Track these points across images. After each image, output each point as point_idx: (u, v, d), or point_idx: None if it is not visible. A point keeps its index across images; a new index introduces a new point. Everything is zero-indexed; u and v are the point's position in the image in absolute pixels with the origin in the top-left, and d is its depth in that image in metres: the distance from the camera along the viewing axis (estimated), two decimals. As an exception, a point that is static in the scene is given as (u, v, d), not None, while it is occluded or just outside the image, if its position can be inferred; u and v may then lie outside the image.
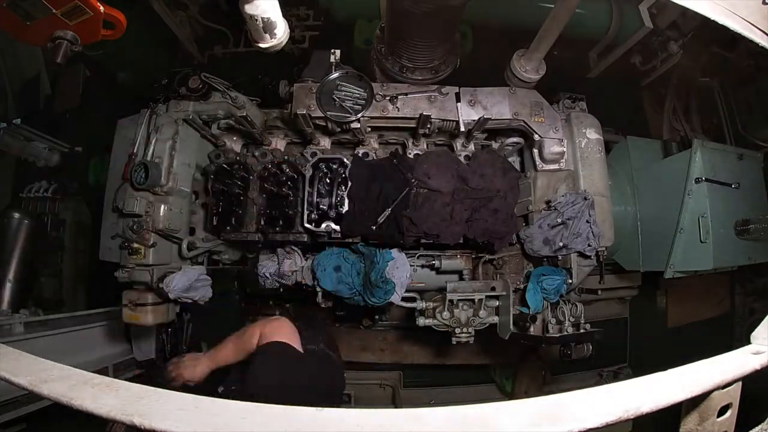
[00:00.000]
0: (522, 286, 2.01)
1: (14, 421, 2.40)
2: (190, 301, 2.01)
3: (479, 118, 1.91)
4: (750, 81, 3.41)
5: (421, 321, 1.95)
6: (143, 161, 1.91)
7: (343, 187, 1.93)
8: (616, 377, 3.39)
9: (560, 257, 1.94)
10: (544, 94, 2.03)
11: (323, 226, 1.90)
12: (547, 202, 1.98)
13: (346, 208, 1.91)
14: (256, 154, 2.16)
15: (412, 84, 2.01)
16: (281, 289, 2.59)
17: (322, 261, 2.06)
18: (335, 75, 1.91)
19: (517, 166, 2.31)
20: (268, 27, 1.25)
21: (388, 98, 1.94)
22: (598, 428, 0.57)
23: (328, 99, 1.90)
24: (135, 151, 2.02)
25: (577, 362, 2.01)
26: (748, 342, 0.78)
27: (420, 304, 1.99)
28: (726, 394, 0.71)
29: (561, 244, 1.88)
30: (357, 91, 1.91)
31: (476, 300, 1.93)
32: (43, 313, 2.86)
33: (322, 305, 2.20)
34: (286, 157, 1.98)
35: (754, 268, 3.06)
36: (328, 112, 1.86)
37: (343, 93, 1.91)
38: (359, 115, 1.86)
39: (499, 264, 2.18)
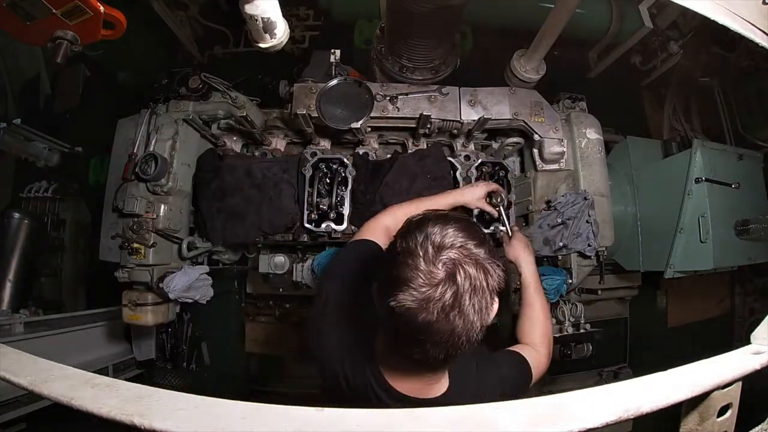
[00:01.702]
0: (522, 286, 2.01)
1: (14, 421, 2.40)
2: (190, 300, 2.01)
3: (479, 118, 1.91)
4: (750, 81, 3.41)
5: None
6: (153, 152, 1.91)
7: (343, 187, 1.93)
8: (616, 377, 3.39)
9: (560, 257, 1.94)
10: (544, 94, 2.04)
11: (323, 226, 1.90)
12: (547, 202, 1.99)
13: (346, 207, 1.91)
14: (257, 153, 2.16)
15: (412, 84, 2.01)
16: (281, 289, 2.58)
17: (322, 261, 2.06)
18: (333, 83, 1.90)
19: (517, 166, 2.31)
20: (268, 27, 1.25)
21: (388, 98, 1.94)
22: (598, 428, 0.57)
23: (329, 106, 1.89)
24: (135, 151, 2.03)
25: (577, 362, 2.01)
26: (748, 342, 0.78)
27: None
28: (726, 394, 0.71)
29: (561, 244, 1.88)
30: (357, 97, 1.91)
31: (476, 300, 1.93)
32: (43, 313, 2.86)
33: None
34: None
35: (754, 268, 3.07)
36: (329, 120, 1.86)
37: (344, 100, 1.90)
38: (359, 123, 1.85)
39: (499, 264, 2.18)
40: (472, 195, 1.67)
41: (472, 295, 0.81)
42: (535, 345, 1.39)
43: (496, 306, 0.88)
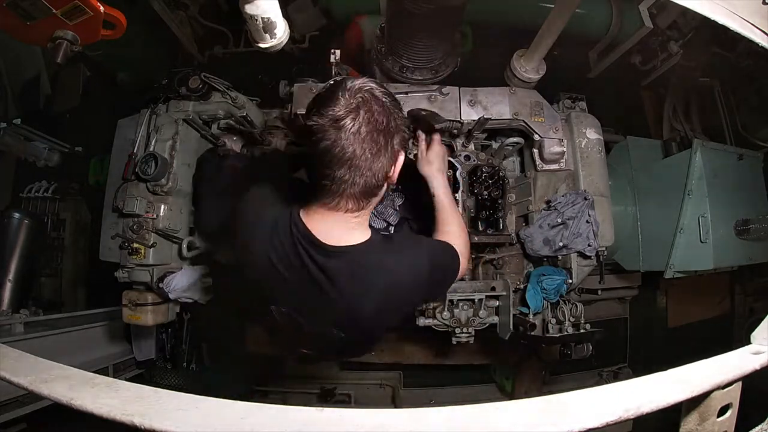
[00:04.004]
0: (522, 286, 2.01)
1: (14, 421, 2.40)
2: (190, 301, 2.01)
3: (479, 118, 1.91)
4: (750, 81, 3.41)
5: (421, 321, 1.95)
6: (153, 152, 1.90)
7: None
8: (616, 377, 3.39)
9: (560, 257, 1.94)
10: (544, 94, 2.03)
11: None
12: (547, 202, 1.99)
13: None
14: (257, 153, 2.16)
15: (412, 84, 2.01)
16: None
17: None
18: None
19: (517, 166, 2.31)
20: (268, 27, 1.25)
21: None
22: (598, 428, 0.57)
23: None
24: (135, 151, 2.03)
25: (577, 362, 2.01)
26: (748, 342, 0.78)
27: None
28: (726, 394, 0.71)
29: (561, 244, 1.88)
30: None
31: (476, 300, 1.94)
32: (43, 313, 2.86)
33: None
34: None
35: (754, 268, 3.07)
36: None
37: None
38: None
39: (499, 264, 2.18)
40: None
41: (372, 128, 0.98)
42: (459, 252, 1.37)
43: (401, 158, 1.09)
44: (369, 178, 1.02)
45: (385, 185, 1.10)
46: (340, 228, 1.09)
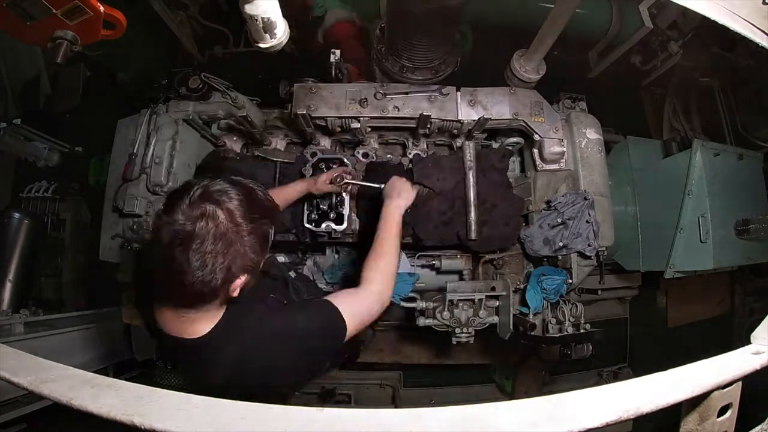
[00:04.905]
0: (522, 286, 2.01)
1: (14, 421, 2.40)
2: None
3: (479, 118, 1.91)
4: (750, 81, 3.41)
5: (422, 321, 1.96)
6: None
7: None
8: (616, 377, 3.39)
9: (560, 257, 1.94)
10: (544, 94, 2.03)
11: (323, 225, 1.90)
12: (547, 202, 1.99)
13: (346, 207, 1.91)
14: (257, 153, 2.16)
15: (412, 84, 2.01)
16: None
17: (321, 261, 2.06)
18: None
19: (517, 166, 2.31)
20: (268, 27, 1.26)
21: (388, 98, 1.94)
22: (598, 428, 0.57)
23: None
24: (135, 151, 2.03)
25: (577, 362, 2.01)
26: (748, 342, 0.78)
27: (420, 304, 1.99)
28: (726, 394, 0.71)
29: (561, 244, 1.88)
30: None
31: (476, 300, 1.94)
32: (43, 313, 2.86)
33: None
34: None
35: (754, 268, 3.07)
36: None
37: None
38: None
39: (499, 264, 2.18)
40: (317, 181, 1.79)
41: (208, 247, 0.91)
42: (369, 280, 1.34)
43: (240, 280, 1.00)
44: (197, 287, 0.95)
45: (224, 294, 1.03)
46: (181, 321, 1.07)
